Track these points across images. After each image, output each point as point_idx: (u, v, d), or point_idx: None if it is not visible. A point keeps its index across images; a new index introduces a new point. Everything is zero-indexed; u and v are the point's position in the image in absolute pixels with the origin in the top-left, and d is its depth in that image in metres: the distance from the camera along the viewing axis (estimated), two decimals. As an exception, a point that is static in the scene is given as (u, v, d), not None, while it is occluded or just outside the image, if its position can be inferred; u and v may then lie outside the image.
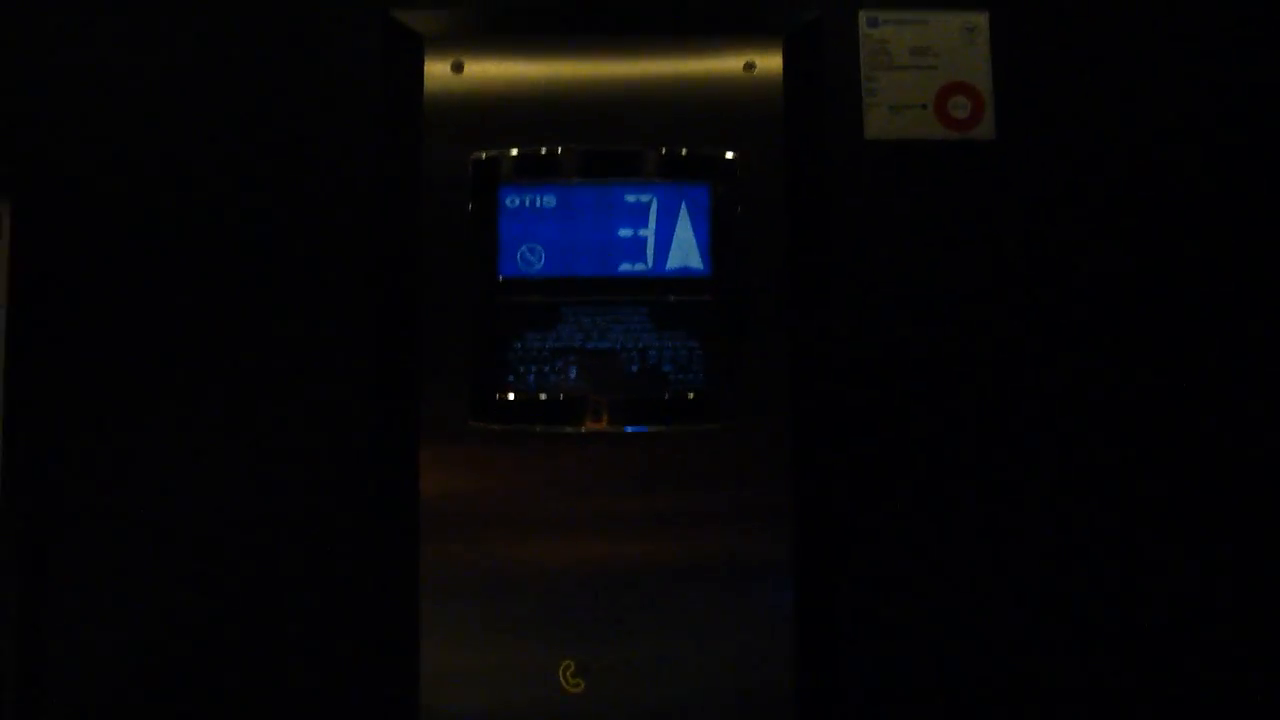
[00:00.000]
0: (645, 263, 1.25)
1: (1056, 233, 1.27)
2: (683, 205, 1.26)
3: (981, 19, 1.30)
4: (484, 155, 1.25)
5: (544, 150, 1.26)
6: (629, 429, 1.24)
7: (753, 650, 1.23)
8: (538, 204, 1.26)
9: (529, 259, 1.25)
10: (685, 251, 1.25)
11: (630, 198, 1.26)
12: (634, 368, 1.24)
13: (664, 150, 1.26)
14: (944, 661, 1.24)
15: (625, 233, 1.25)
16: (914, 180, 1.28)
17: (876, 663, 1.23)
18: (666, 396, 1.24)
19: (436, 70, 1.27)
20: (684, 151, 1.26)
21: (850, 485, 1.25)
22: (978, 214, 1.27)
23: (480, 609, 1.22)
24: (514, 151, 1.26)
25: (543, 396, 1.24)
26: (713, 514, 1.24)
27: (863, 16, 1.29)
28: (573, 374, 1.24)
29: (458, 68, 1.27)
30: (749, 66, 1.27)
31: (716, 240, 1.25)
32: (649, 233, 1.25)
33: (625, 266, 1.25)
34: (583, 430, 1.24)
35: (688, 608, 1.23)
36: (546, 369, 1.24)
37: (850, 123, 1.27)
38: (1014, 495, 1.25)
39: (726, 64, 1.27)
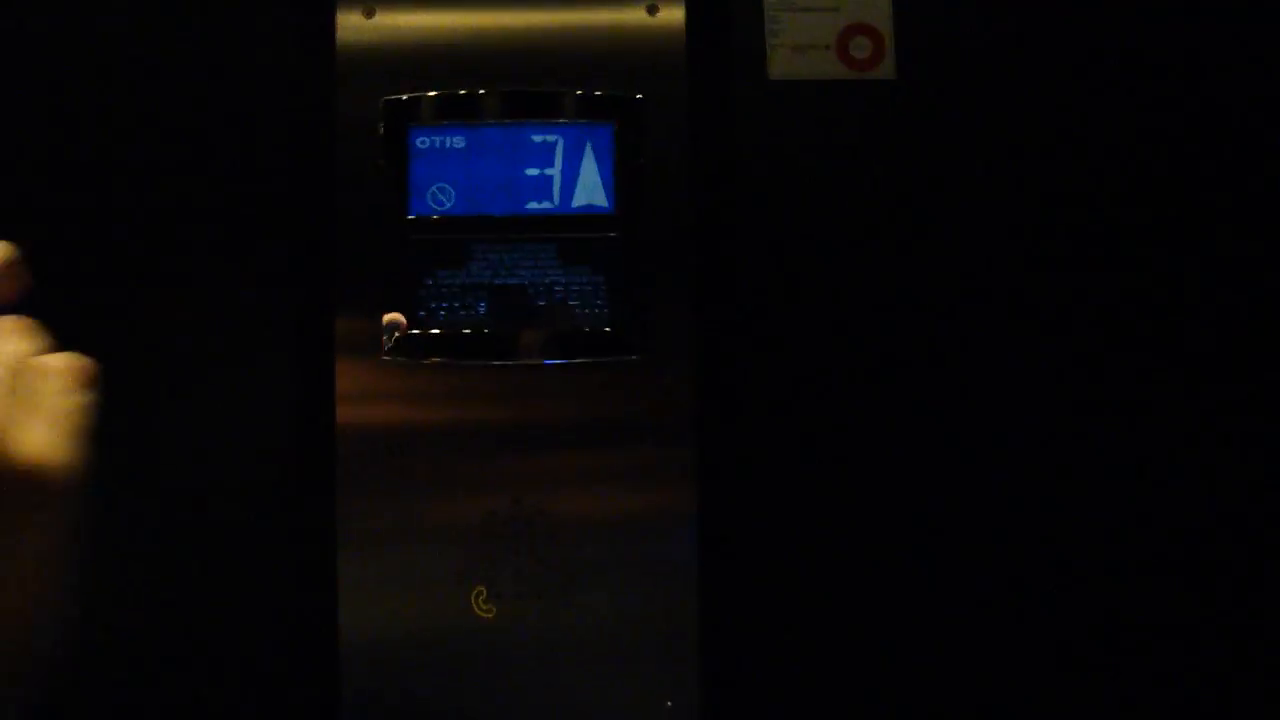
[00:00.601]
0: (552, 201, 1.29)
1: (955, 170, 1.31)
2: (588, 145, 1.29)
3: (882, -39, 1.33)
4: (394, 98, 1.29)
5: (452, 92, 1.29)
6: (537, 362, 1.28)
7: (660, 575, 1.27)
8: (447, 145, 1.29)
9: (439, 198, 1.29)
10: (590, 190, 1.29)
11: (537, 138, 1.29)
12: (541, 302, 1.28)
13: (569, 92, 1.29)
14: (847, 603, 1.28)
15: (532, 172, 1.29)
16: (816, 119, 1.31)
17: (780, 591, 1.27)
18: (573, 330, 1.27)
19: (348, 17, 1.30)
20: (589, 92, 1.29)
21: (754, 421, 1.28)
22: (879, 151, 1.31)
23: (397, 547, 1.26)
24: (423, 94, 1.29)
25: (453, 331, 1.27)
26: (621, 445, 1.28)
27: (765, -40, 1.32)
28: (482, 309, 1.28)
29: (369, 13, 1.30)
30: (652, 10, 1.30)
31: (621, 179, 1.29)
32: (555, 172, 1.29)
33: (533, 205, 1.29)
34: (493, 364, 1.28)
35: (596, 534, 1.27)
36: (457, 305, 1.28)
37: (754, 64, 1.31)
38: (920, 439, 1.28)
39: (631, 7, 1.31)
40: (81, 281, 1.25)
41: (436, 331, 1.27)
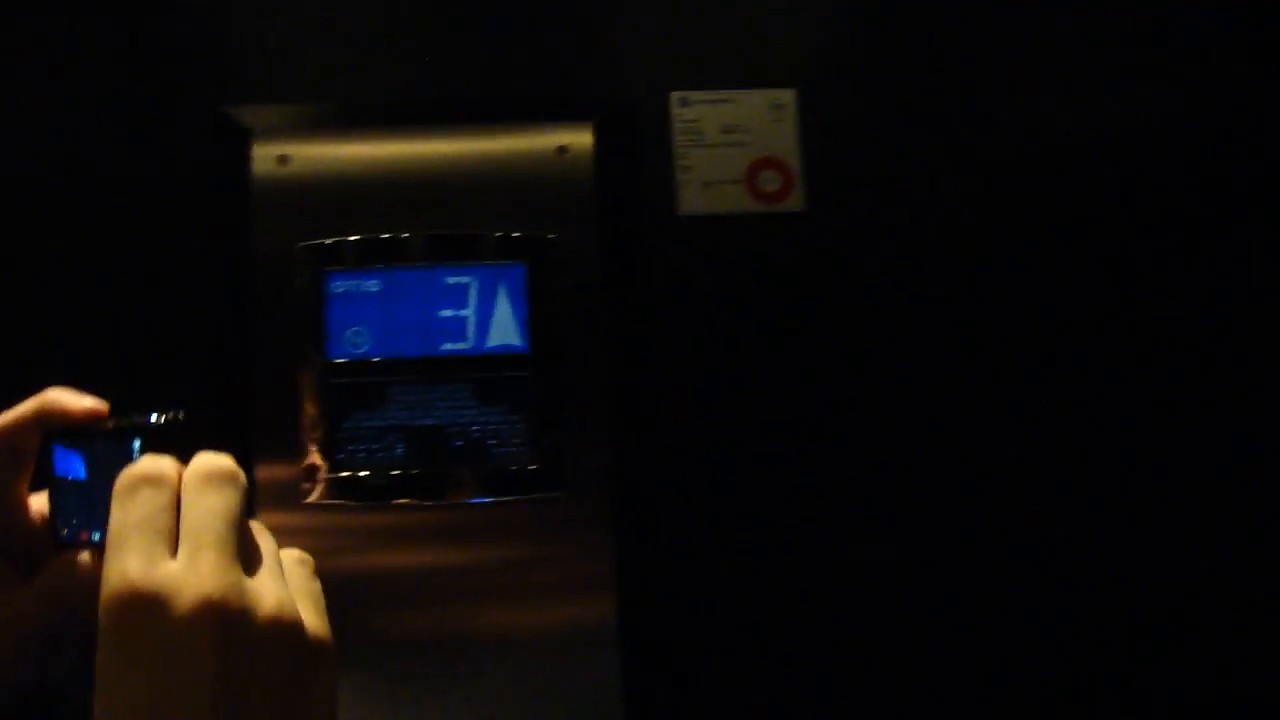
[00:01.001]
0: (466, 341, 1.30)
1: (864, 300, 1.33)
2: (501, 285, 1.31)
3: (789, 95, 1.35)
4: (309, 243, 1.31)
5: (367, 236, 1.31)
6: (454, 503, 1.29)
7: (583, 716, 1.28)
8: (362, 288, 1.31)
9: (356, 341, 1.30)
10: (505, 330, 1.31)
11: (451, 280, 1.31)
12: (458, 443, 1.29)
13: (482, 234, 1.31)
14: (765, 704, 1.29)
15: (447, 313, 1.31)
16: (727, 253, 1.33)
17: (699, 696, 1.28)
18: (493, 469, 1.29)
19: (263, 162, 1.32)
20: (501, 234, 1.31)
21: (673, 554, 1.30)
22: (789, 282, 1.33)
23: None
24: (338, 239, 1.31)
25: (370, 474, 1.29)
26: (540, 583, 1.29)
27: (674, 98, 1.34)
28: (399, 451, 1.29)
29: (283, 160, 1.32)
30: (562, 150, 1.33)
31: (534, 318, 1.30)
32: (469, 313, 1.31)
33: (448, 346, 1.30)
34: (410, 505, 1.29)
35: (519, 676, 1.28)
36: (375, 447, 1.29)
37: (664, 200, 1.33)
38: (837, 564, 1.30)
39: (541, 148, 1.33)
40: None
41: (354, 474, 1.28)
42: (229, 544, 0.41)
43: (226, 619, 0.39)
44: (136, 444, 0.48)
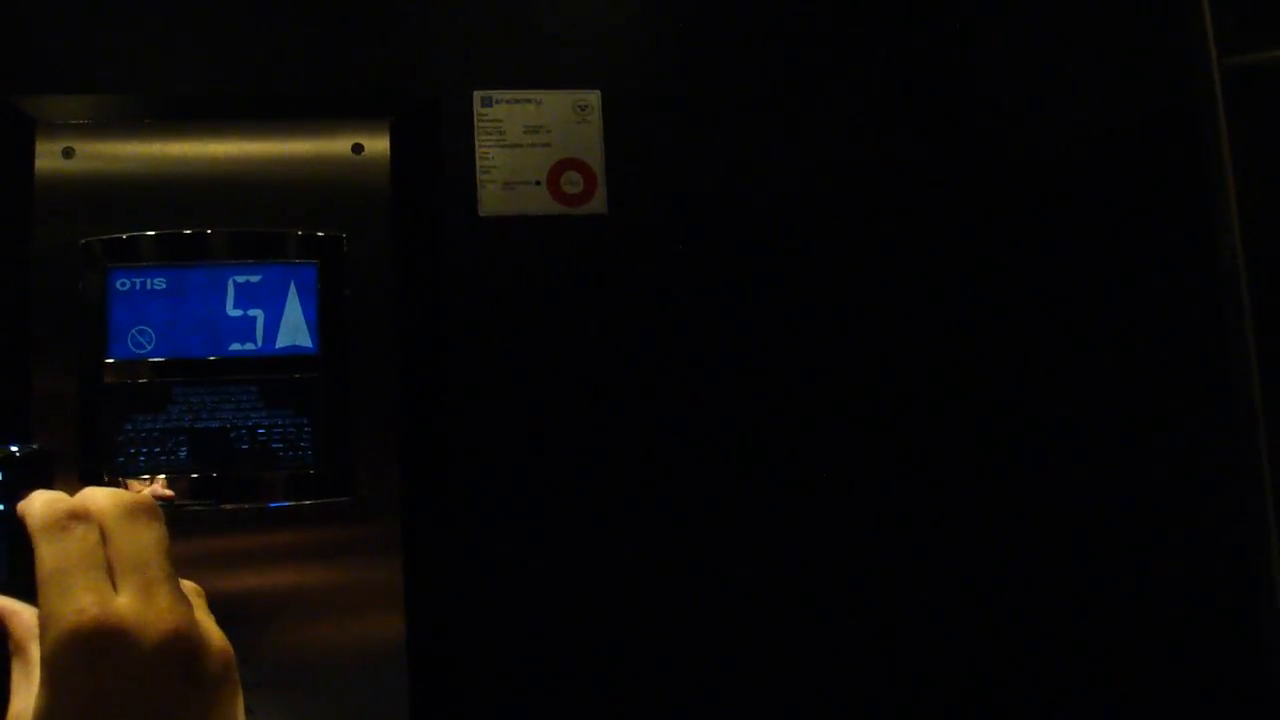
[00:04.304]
0: (255, 342, 1.27)
1: (664, 303, 1.31)
2: (291, 285, 1.28)
3: (593, 97, 1.34)
4: (93, 239, 1.27)
5: (153, 233, 1.27)
6: (238, 506, 1.25)
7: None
8: (148, 286, 1.27)
9: (140, 341, 1.27)
10: (294, 331, 1.27)
11: (240, 279, 1.28)
12: (244, 446, 1.26)
13: (273, 232, 1.28)
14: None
15: (235, 313, 1.27)
16: (528, 255, 1.31)
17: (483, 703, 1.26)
18: (276, 473, 1.26)
19: (47, 155, 1.28)
20: (292, 233, 1.28)
21: (464, 564, 1.27)
22: (590, 285, 1.31)
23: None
24: (123, 235, 1.27)
25: (151, 478, 1.25)
26: (327, 591, 1.26)
27: (477, 97, 1.32)
28: (183, 454, 1.25)
29: (68, 153, 1.28)
30: (357, 148, 1.30)
31: (324, 319, 1.27)
32: (258, 313, 1.27)
33: (236, 346, 1.27)
34: (192, 509, 1.25)
35: (304, 684, 1.24)
36: (157, 450, 1.25)
37: (465, 200, 1.31)
38: (632, 575, 1.28)
39: (336, 146, 1.30)
40: None
41: (134, 478, 1.24)
42: (175, 578, 0.43)
43: (190, 652, 0.42)
44: None
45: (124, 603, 0.41)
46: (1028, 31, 1.38)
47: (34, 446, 0.48)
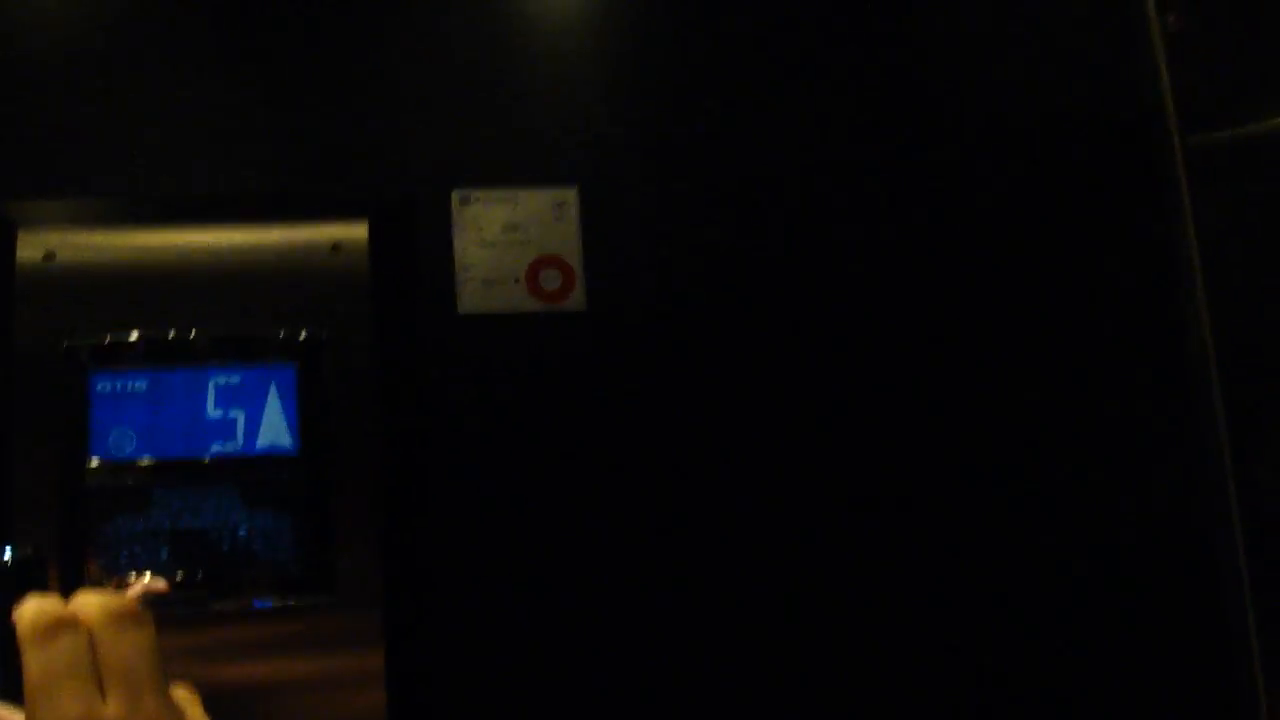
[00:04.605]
0: (236, 443, 1.28)
1: (644, 397, 1.33)
2: (272, 386, 1.29)
3: (570, 194, 1.35)
4: (75, 342, 1.28)
5: (134, 336, 1.28)
6: (220, 607, 1.26)
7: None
8: (129, 388, 1.28)
9: (121, 443, 1.27)
10: (274, 431, 1.29)
11: (220, 380, 1.29)
12: (226, 546, 1.27)
13: (253, 334, 1.29)
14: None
15: (216, 414, 1.28)
16: (507, 351, 1.33)
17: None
18: (258, 573, 1.27)
19: (28, 259, 1.29)
20: (272, 334, 1.29)
21: (444, 656, 1.28)
22: (570, 381, 1.33)
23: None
24: (104, 338, 1.28)
25: (133, 578, 1.26)
26: (308, 683, 1.27)
27: (456, 195, 1.34)
28: (164, 554, 1.26)
29: (49, 257, 1.29)
30: (336, 247, 1.31)
31: (304, 419, 1.28)
32: (239, 414, 1.28)
33: (216, 447, 1.28)
34: (175, 610, 1.26)
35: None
36: (138, 549, 1.26)
37: (444, 298, 1.32)
38: (599, 660, 1.29)
39: (316, 245, 1.31)
40: None
41: (117, 579, 1.25)
42: (162, 685, 0.43)
43: None
44: None
45: (110, 711, 0.42)
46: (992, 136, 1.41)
47: (27, 550, 0.49)
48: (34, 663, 0.42)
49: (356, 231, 1.32)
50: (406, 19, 1.37)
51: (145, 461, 1.27)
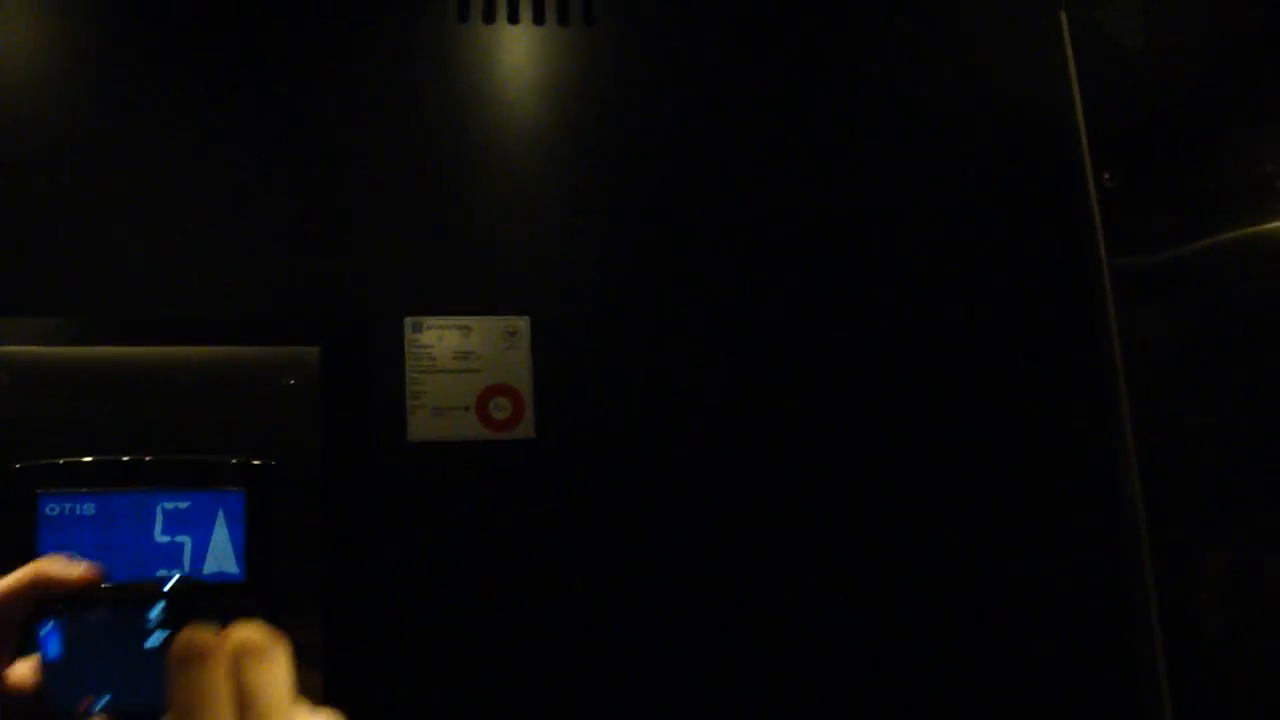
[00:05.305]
0: (182, 568, 1.29)
1: (591, 526, 1.35)
2: (219, 511, 1.30)
3: (522, 323, 1.37)
4: (21, 465, 1.29)
5: (82, 460, 1.29)
6: (161, 734, 1.27)
7: None
8: (77, 512, 1.29)
9: (67, 566, 1.28)
10: (221, 557, 1.30)
11: (168, 505, 1.30)
12: (169, 673, 1.27)
13: (200, 459, 1.30)
14: None
15: (163, 539, 1.29)
16: (457, 479, 1.34)
17: None
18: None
19: (-21, 379, 1.30)
20: (221, 459, 1.31)
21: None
22: (519, 509, 1.34)
23: None
24: (52, 461, 1.29)
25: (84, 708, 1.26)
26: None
27: (408, 323, 1.36)
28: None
29: None
30: (287, 373, 1.33)
31: (252, 546, 1.30)
32: (186, 539, 1.29)
33: (162, 573, 1.29)
34: (116, 736, 1.27)
35: None
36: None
37: (394, 425, 1.34)
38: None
39: (267, 370, 1.33)
40: None
41: (62, 708, 1.26)
42: (289, 712, 0.46)
43: None
44: (156, 610, 0.51)
45: None
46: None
47: (186, 580, 0.53)
48: (178, 687, 0.46)
49: (308, 357, 1.34)
50: (360, 143, 1.39)
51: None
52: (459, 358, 1.36)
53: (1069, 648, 1.38)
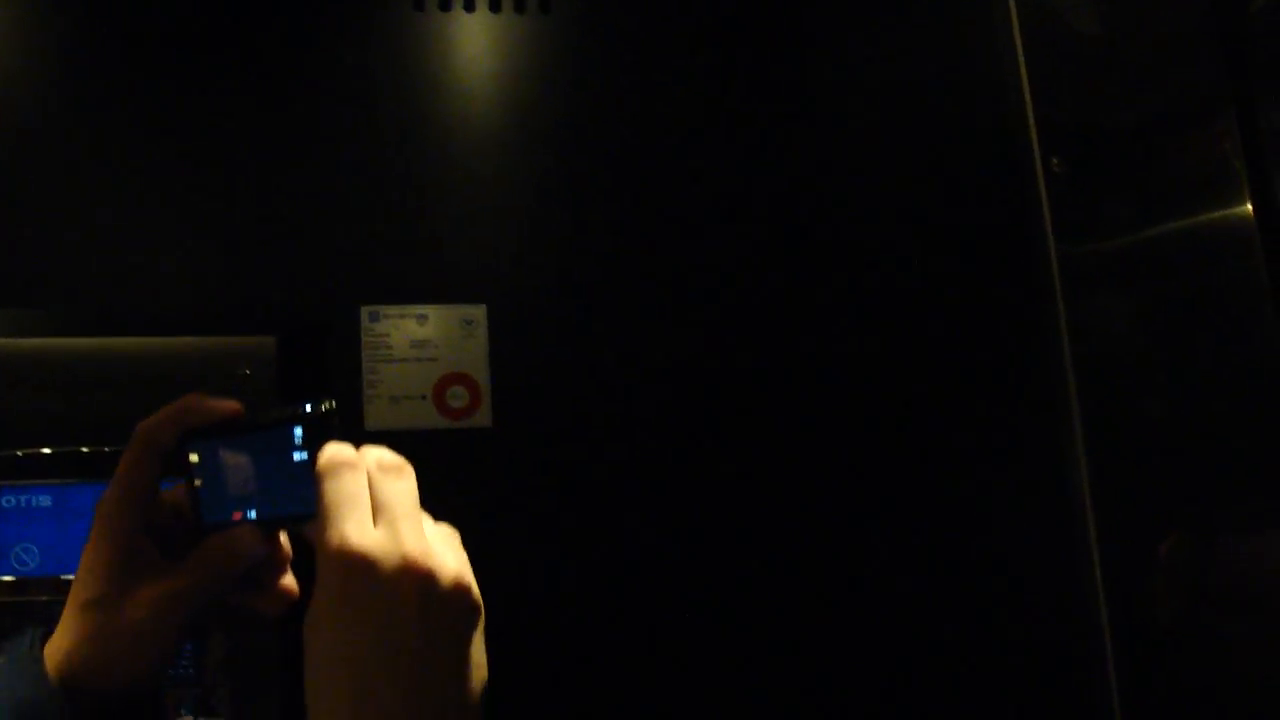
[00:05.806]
0: (139, 560, 1.29)
1: (548, 516, 1.36)
2: (177, 503, 1.30)
3: (479, 312, 1.38)
4: (-22, 457, 1.29)
5: (39, 451, 1.29)
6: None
7: None
8: (33, 504, 1.29)
9: (23, 558, 1.29)
10: (178, 548, 1.30)
11: (125, 496, 1.30)
12: (127, 663, 1.28)
13: (158, 450, 1.31)
14: None
15: (120, 530, 1.29)
16: (414, 468, 1.34)
17: None
18: (163, 699, 1.28)
19: (-66, 371, 1.30)
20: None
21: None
22: (475, 498, 1.35)
23: None
24: (10, 453, 1.29)
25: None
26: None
27: (365, 312, 1.36)
28: (65, 671, 1.27)
29: (-46, 369, 1.30)
30: (244, 363, 1.33)
31: (210, 537, 1.30)
32: (143, 530, 1.30)
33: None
34: None
35: None
36: (40, 666, 1.27)
37: (351, 415, 1.34)
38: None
39: (223, 361, 1.33)
40: None
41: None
42: (418, 518, 0.54)
43: (422, 578, 0.51)
44: (298, 431, 0.57)
45: (376, 535, 0.51)
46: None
47: (327, 403, 0.57)
48: (326, 491, 0.53)
49: (265, 348, 1.34)
50: (316, 132, 1.38)
51: (46, 578, 1.28)
52: (416, 346, 1.36)
53: (1018, 640, 1.40)
